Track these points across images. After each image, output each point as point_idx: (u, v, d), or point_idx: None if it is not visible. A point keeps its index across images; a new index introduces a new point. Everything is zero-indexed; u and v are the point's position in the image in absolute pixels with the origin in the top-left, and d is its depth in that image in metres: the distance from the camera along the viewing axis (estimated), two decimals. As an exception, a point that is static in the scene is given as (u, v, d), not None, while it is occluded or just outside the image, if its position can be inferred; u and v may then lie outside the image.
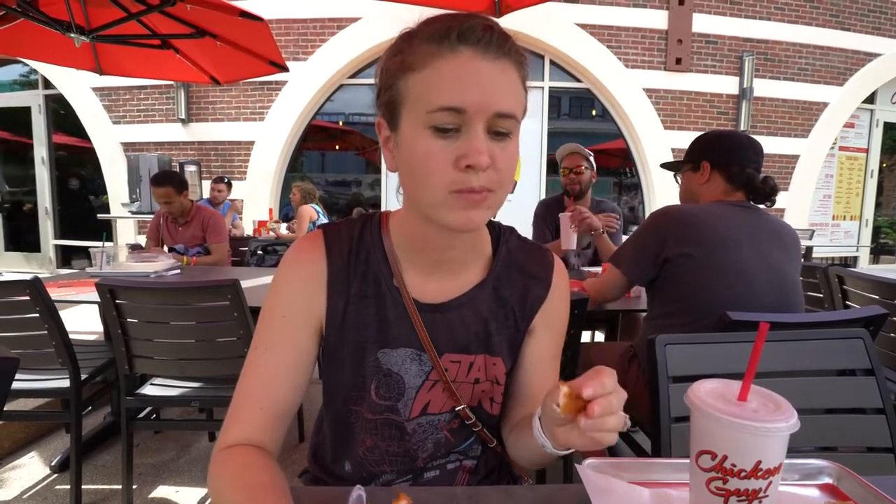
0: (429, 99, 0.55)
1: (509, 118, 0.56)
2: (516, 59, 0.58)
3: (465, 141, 0.55)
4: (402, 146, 0.59)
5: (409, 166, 0.59)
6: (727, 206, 1.41)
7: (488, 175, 0.56)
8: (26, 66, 6.31)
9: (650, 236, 1.41)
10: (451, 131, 0.55)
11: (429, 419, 0.71)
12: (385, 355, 0.68)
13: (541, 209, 2.67)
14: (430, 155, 0.56)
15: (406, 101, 0.57)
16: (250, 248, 3.30)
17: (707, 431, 0.48)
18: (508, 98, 0.56)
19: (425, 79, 0.55)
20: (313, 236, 0.71)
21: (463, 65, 0.54)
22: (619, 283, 1.50)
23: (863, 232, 7.00)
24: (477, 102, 0.54)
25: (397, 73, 0.58)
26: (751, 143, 1.47)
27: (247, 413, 0.65)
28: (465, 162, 0.54)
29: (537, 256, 0.76)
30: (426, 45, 0.56)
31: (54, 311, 1.66)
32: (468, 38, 0.55)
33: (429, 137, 0.55)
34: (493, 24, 0.56)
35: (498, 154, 0.56)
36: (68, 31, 2.54)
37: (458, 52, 0.55)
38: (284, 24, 5.74)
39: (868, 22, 6.34)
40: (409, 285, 0.69)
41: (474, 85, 0.54)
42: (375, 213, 0.75)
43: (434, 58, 0.55)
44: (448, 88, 0.54)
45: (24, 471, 2.04)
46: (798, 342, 0.95)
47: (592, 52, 5.91)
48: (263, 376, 0.66)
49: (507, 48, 0.57)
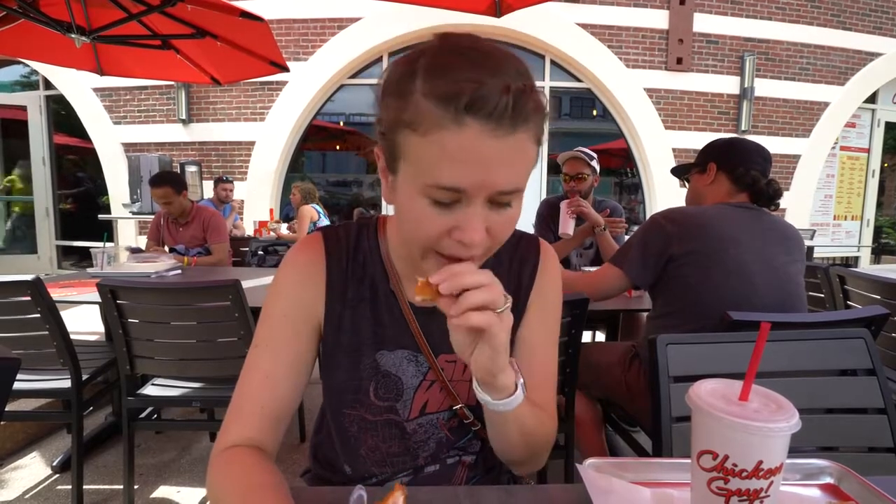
0: (428, 172, 0.51)
1: (512, 193, 0.53)
2: (535, 122, 0.52)
3: (462, 215, 0.52)
4: (399, 195, 0.56)
5: (403, 217, 0.58)
6: (730, 207, 1.42)
7: (481, 244, 0.54)
8: (27, 66, 6.32)
9: (653, 237, 1.42)
10: (450, 204, 0.52)
11: (428, 419, 0.71)
12: (383, 357, 0.69)
13: (543, 208, 2.66)
14: (425, 221, 0.53)
15: (405, 159, 0.53)
16: (251, 249, 3.30)
17: (708, 431, 0.48)
18: (515, 175, 0.52)
19: (426, 148, 0.50)
20: (313, 239, 0.72)
21: (468, 144, 0.48)
22: (619, 283, 1.50)
23: (864, 232, 6.99)
24: (479, 184, 0.50)
25: (398, 125, 0.52)
26: (758, 148, 1.49)
27: (247, 412, 0.65)
28: (458, 237, 0.53)
29: (525, 244, 0.76)
30: (431, 104, 0.49)
31: (55, 311, 1.66)
32: (478, 110, 0.47)
33: (425, 204, 0.52)
34: (510, 83, 0.48)
35: (496, 222, 0.54)
36: (69, 31, 2.54)
37: (464, 125, 0.48)
38: (285, 24, 5.75)
39: (869, 22, 6.33)
40: (405, 289, 0.70)
41: (478, 166, 0.49)
42: (373, 218, 0.75)
43: (438, 128, 0.49)
44: (449, 168, 0.49)
45: (26, 471, 2.04)
46: (799, 342, 0.94)
47: (593, 51, 5.90)
48: (263, 375, 0.66)
49: (526, 114, 0.50)
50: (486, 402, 0.59)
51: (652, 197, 6.13)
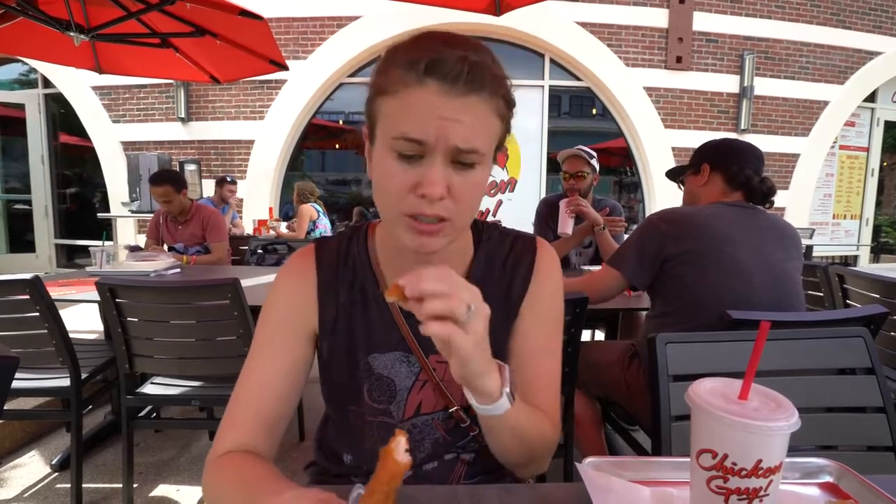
0: (395, 126, 0.56)
1: (471, 153, 0.56)
2: (490, 91, 0.57)
3: (424, 169, 0.56)
4: (374, 160, 0.61)
5: (376, 181, 0.61)
6: (725, 206, 1.43)
7: (444, 204, 0.57)
8: (25, 64, 6.30)
9: (649, 238, 1.42)
10: (414, 157, 0.56)
11: (423, 419, 0.72)
12: (375, 360, 0.71)
13: (543, 207, 2.66)
14: (391, 176, 0.57)
15: (378, 121, 0.60)
16: (250, 247, 3.30)
17: (708, 430, 0.48)
18: (472, 134, 0.56)
19: (394, 105, 0.57)
20: (307, 249, 0.75)
21: (427, 99, 0.55)
22: (616, 284, 1.50)
23: (863, 231, 7.00)
24: (436, 137, 0.55)
25: (374, 93, 0.60)
26: (750, 148, 1.50)
27: (241, 419, 0.66)
28: (420, 191, 0.56)
29: (520, 245, 0.75)
30: (399, 70, 0.56)
31: (54, 310, 1.66)
32: (436, 71, 0.54)
33: (392, 159, 0.57)
34: (469, 55, 0.55)
35: (458, 184, 0.57)
36: (68, 29, 2.53)
37: (424, 84, 0.55)
38: (284, 22, 5.74)
39: (869, 20, 6.33)
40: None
41: (435, 121, 0.54)
42: (363, 224, 0.78)
43: (403, 86, 0.56)
44: (411, 119, 0.55)
45: (25, 470, 2.04)
46: (799, 341, 0.94)
47: (592, 50, 5.90)
48: (259, 382, 0.68)
49: (481, 82, 0.56)
50: (473, 406, 0.59)
51: (651, 196, 6.13)
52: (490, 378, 0.57)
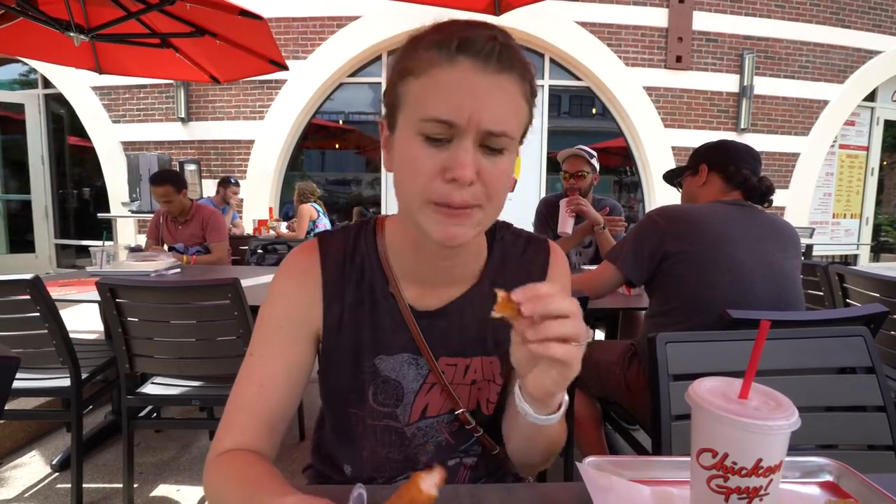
0: (423, 107, 0.54)
1: (501, 136, 0.55)
2: (520, 73, 0.56)
3: (453, 152, 0.54)
4: (396, 148, 0.59)
5: (398, 169, 0.59)
6: (724, 205, 1.43)
7: (473, 190, 0.55)
8: (25, 65, 6.30)
9: (647, 234, 1.42)
10: (442, 141, 0.54)
11: (428, 422, 0.71)
12: (382, 362, 0.69)
13: (542, 207, 2.66)
14: (418, 161, 0.55)
15: (403, 105, 0.57)
16: (250, 247, 3.30)
17: (708, 429, 0.48)
18: (503, 115, 0.54)
19: (422, 86, 0.55)
20: (308, 245, 0.72)
21: (459, 77, 0.53)
22: (613, 280, 1.50)
23: (863, 230, 7.00)
24: (468, 118, 0.53)
25: (399, 76, 0.58)
26: (747, 148, 1.51)
27: (241, 421, 0.65)
28: (450, 175, 0.54)
29: (532, 246, 0.75)
30: (427, 51, 0.55)
31: (55, 310, 1.66)
32: (468, 49, 0.53)
33: (419, 144, 0.55)
34: (497, 36, 0.55)
35: (487, 169, 0.55)
36: (67, 29, 2.53)
37: (456, 62, 0.53)
38: (284, 22, 5.74)
39: (868, 19, 6.33)
40: (405, 291, 0.69)
41: (468, 99, 0.53)
42: (371, 219, 0.74)
43: (432, 66, 0.54)
44: (442, 100, 0.53)
45: (25, 470, 2.04)
46: (799, 340, 0.94)
47: (592, 50, 5.90)
48: (257, 384, 0.66)
49: (511, 62, 0.55)
50: (527, 415, 0.57)
51: (651, 195, 6.13)
52: (563, 392, 0.56)
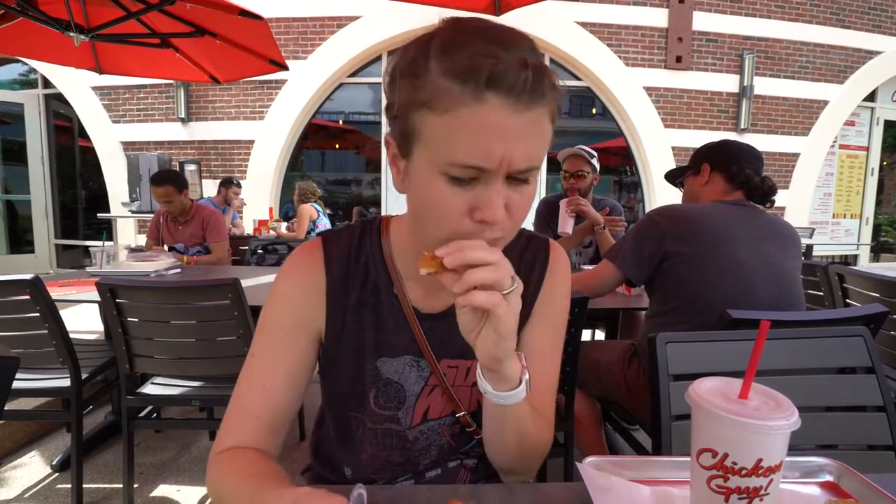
0: (449, 151, 0.50)
1: (531, 171, 0.52)
2: (552, 98, 0.51)
3: (482, 193, 0.51)
4: (413, 179, 0.55)
5: (419, 202, 0.56)
6: (725, 205, 1.43)
7: (502, 225, 0.53)
8: (25, 65, 6.31)
9: (648, 234, 1.42)
10: (469, 181, 0.51)
11: (430, 425, 0.70)
12: (384, 364, 0.68)
13: (542, 207, 2.66)
14: (444, 202, 0.52)
15: (421, 140, 0.52)
16: (250, 248, 3.30)
17: (708, 429, 0.48)
18: (534, 150, 0.51)
19: (445, 125, 0.49)
20: (312, 245, 0.70)
21: (489, 118, 0.48)
22: (613, 279, 1.50)
23: (863, 230, 6.99)
24: (499, 160, 0.49)
25: (413, 105, 0.51)
26: (750, 149, 1.51)
27: (242, 423, 0.64)
28: (480, 216, 0.51)
29: (534, 244, 0.74)
30: (449, 81, 0.48)
31: (55, 310, 1.66)
32: (499, 85, 0.47)
33: (443, 183, 0.51)
34: (527, 58, 0.48)
35: (515, 201, 0.53)
36: (67, 30, 2.53)
37: (485, 101, 0.48)
38: (284, 22, 5.74)
39: (868, 20, 6.33)
40: (409, 294, 0.68)
41: (498, 142, 0.49)
42: (376, 219, 0.73)
43: (457, 104, 0.48)
44: (470, 145, 0.49)
45: (26, 470, 2.04)
46: (799, 340, 0.94)
47: (592, 50, 5.90)
48: (260, 386, 0.65)
49: (543, 90, 0.50)
50: (487, 393, 0.57)
51: (651, 195, 6.13)
52: (514, 362, 0.56)
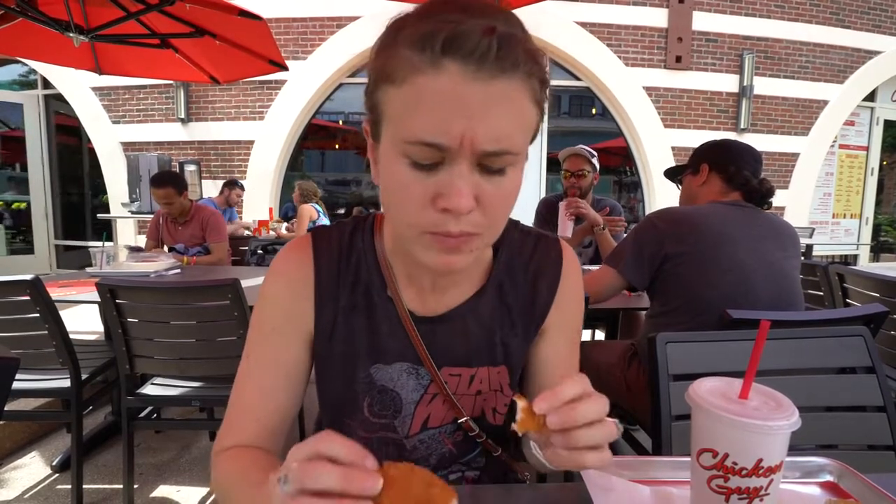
0: (405, 127, 0.45)
1: (503, 155, 0.46)
2: (526, 70, 0.45)
3: (445, 178, 0.46)
4: (382, 164, 0.51)
5: (385, 189, 0.51)
6: (723, 206, 1.44)
7: (471, 218, 0.47)
8: (25, 65, 6.30)
9: (647, 237, 1.43)
10: (432, 166, 0.46)
11: (430, 433, 0.67)
12: (378, 371, 0.64)
13: (542, 207, 2.66)
14: (405, 188, 0.47)
15: (385, 117, 0.48)
16: (250, 248, 3.30)
17: (708, 429, 0.48)
18: (503, 131, 0.45)
19: (403, 97, 0.45)
20: (301, 242, 0.66)
21: (446, 87, 0.43)
22: (615, 284, 1.50)
23: (863, 230, 6.99)
24: (459, 139, 0.44)
25: (378, 79, 0.48)
26: (750, 150, 1.51)
27: (240, 426, 0.62)
28: (443, 204, 0.46)
29: (544, 248, 0.69)
30: (408, 50, 0.44)
31: (55, 310, 1.66)
32: (456, 49, 0.42)
33: (405, 167, 0.47)
34: (497, 25, 0.43)
35: (488, 193, 0.47)
36: (67, 30, 2.53)
37: (442, 68, 0.43)
38: (284, 22, 5.73)
39: (868, 20, 6.33)
40: (404, 295, 0.64)
41: (458, 116, 0.43)
42: (369, 216, 0.68)
43: (413, 72, 0.44)
44: (427, 118, 0.44)
45: (26, 471, 2.04)
46: (799, 340, 0.94)
47: (592, 50, 5.89)
48: (256, 388, 0.63)
49: (514, 59, 0.44)
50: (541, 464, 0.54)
51: (651, 195, 6.13)
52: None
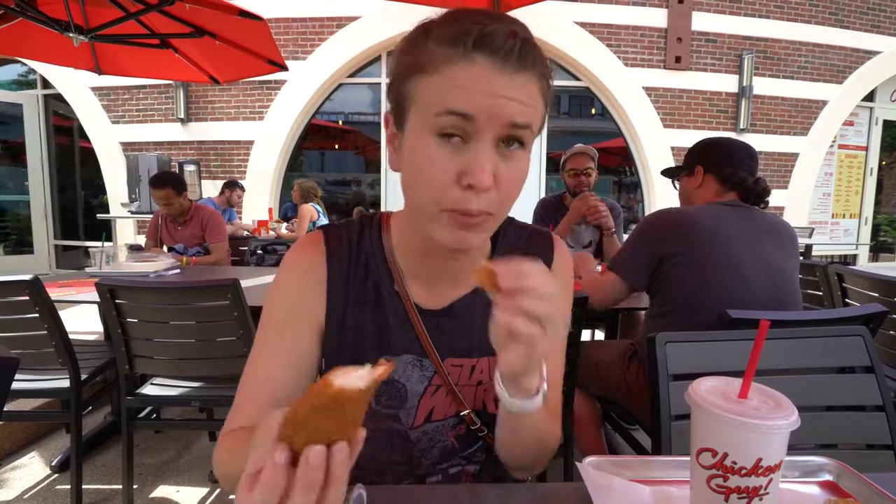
0: (437, 102, 0.52)
1: (524, 129, 0.53)
2: (540, 71, 0.53)
3: (471, 154, 0.52)
4: (406, 148, 0.56)
5: (410, 171, 0.57)
6: (719, 206, 1.44)
7: (489, 197, 0.53)
8: (25, 65, 6.30)
9: (645, 239, 1.43)
10: (458, 138, 0.52)
11: (434, 426, 0.69)
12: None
13: (540, 208, 2.67)
14: (432, 164, 0.53)
15: (414, 103, 0.55)
16: (250, 248, 3.30)
17: (708, 429, 0.48)
18: (524, 112, 0.52)
19: (435, 83, 0.52)
20: (314, 237, 0.70)
21: (477, 75, 0.50)
22: (619, 288, 1.51)
23: (862, 230, 7.00)
24: (488, 110, 0.51)
25: (408, 72, 0.55)
26: (744, 147, 1.51)
27: (249, 408, 0.64)
28: (467, 180, 0.52)
29: (537, 241, 0.74)
30: (440, 46, 0.52)
31: (54, 310, 1.66)
32: (486, 46, 0.50)
33: (433, 144, 0.53)
34: (517, 30, 0.52)
35: (503, 173, 0.53)
36: (67, 30, 2.53)
37: (472, 60, 0.50)
38: (283, 22, 5.73)
39: (867, 20, 6.33)
40: (410, 290, 0.68)
41: (487, 95, 0.50)
42: (376, 215, 0.73)
43: (447, 64, 0.51)
44: (458, 94, 0.51)
45: (25, 471, 2.04)
46: (798, 340, 0.95)
47: (592, 50, 5.90)
48: (265, 377, 0.65)
49: (531, 60, 0.52)
50: (503, 399, 0.55)
51: (651, 195, 6.13)
52: (535, 375, 0.55)
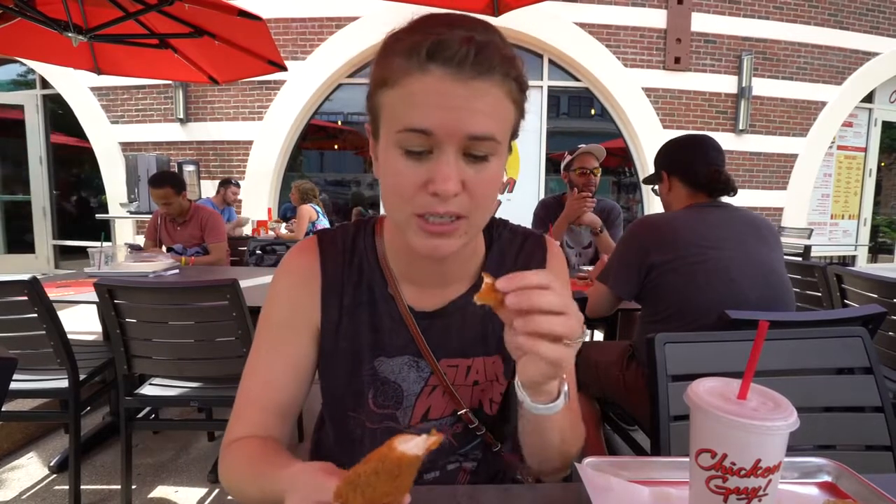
0: (398, 118, 0.52)
1: (486, 140, 0.52)
2: (502, 73, 0.52)
3: (434, 164, 0.52)
4: (381, 159, 0.57)
5: (383, 181, 0.58)
6: (699, 208, 1.45)
7: (459, 201, 0.53)
8: (24, 65, 6.29)
9: (631, 248, 1.44)
10: (422, 153, 0.52)
11: (430, 425, 0.70)
12: (382, 364, 0.68)
13: (540, 209, 2.66)
14: (399, 174, 0.54)
15: (381, 116, 0.56)
16: (249, 248, 3.30)
17: (707, 430, 0.48)
18: (484, 120, 0.52)
19: (397, 97, 0.53)
20: (308, 243, 0.71)
21: (432, 87, 0.50)
22: (609, 299, 1.52)
23: (861, 231, 7.01)
24: (445, 125, 0.51)
25: (376, 84, 0.56)
26: (701, 140, 1.51)
27: (250, 414, 0.65)
28: (432, 188, 0.52)
29: (530, 242, 0.74)
30: (399, 58, 0.52)
31: (53, 311, 1.65)
32: (440, 56, 0.50)
33: (399, 157, 0.53)
34: (474, 35, 0.51)
35: (472, 178, 0.53)
36: (66, 30, 2.53)
37: (427, 71, 0.50)
38: (283, 23, 5.74)
39: (866, 21, 6.35)
40: (404, 293, 0.69)
41: (443, 108, 0.50)
42: (371, 219, 0.73)
43: (404, 76, 0.52)
44: (416, 110, 0.51)
45: (23, 471, 2.04)
46: (797, 341, 0.95)
47: (591, 51, 5.90)
48: (264, 381, 0.66)
49: (489, 64, 0.51)
50: (523, 402, 0.55)
51: (650, 196, 6.14)
52: (557, 379, 0.54)
